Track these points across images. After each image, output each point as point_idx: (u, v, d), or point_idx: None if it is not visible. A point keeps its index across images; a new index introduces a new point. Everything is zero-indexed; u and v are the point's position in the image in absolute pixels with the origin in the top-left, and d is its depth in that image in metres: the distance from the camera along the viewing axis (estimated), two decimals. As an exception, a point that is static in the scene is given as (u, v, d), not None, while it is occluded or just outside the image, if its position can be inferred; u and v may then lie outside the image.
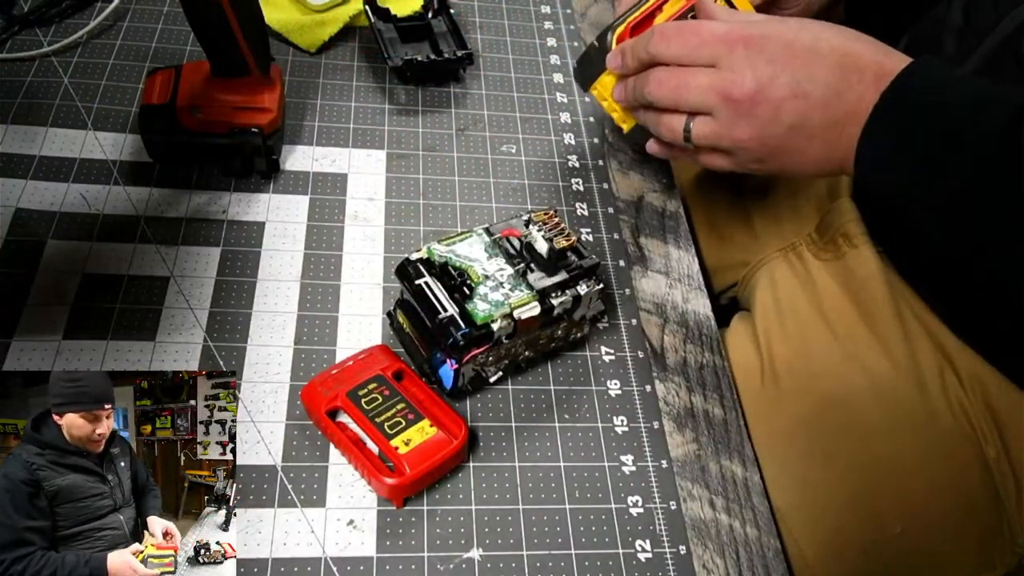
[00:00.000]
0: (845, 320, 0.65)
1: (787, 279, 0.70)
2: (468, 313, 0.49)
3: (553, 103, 0.75)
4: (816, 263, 0.69)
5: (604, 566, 0.49)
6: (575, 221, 0.66)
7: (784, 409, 0.62)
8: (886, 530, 0.58)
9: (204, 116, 0.60)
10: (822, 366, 0.63)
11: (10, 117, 0.64)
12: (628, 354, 0.59)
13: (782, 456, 0.59)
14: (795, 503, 0.57)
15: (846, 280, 0.66)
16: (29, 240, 0.58)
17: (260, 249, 0.60)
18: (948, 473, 0.59)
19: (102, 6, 0.73)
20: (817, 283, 0.68)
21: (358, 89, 0.72)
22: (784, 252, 0.72)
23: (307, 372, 0.54)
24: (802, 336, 0.65)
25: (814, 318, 0.66)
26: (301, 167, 0.66)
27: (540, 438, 0.54)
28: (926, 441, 0.59)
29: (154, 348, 0.54)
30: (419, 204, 0.65)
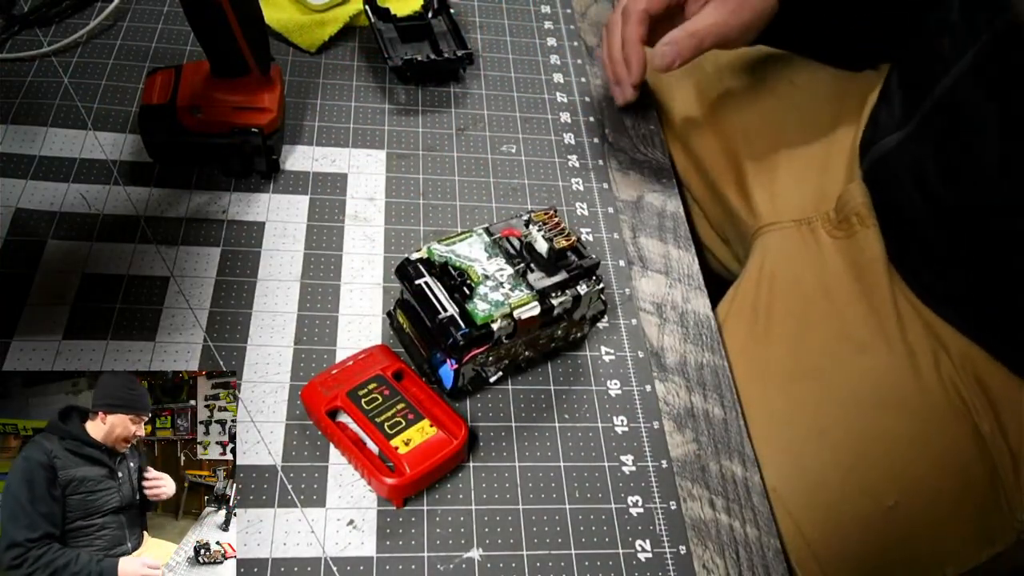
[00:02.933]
0: (846, 298, 0.65)
1: (798, 251, 0.70)
2: (468, 313, 0.49)
3: (553, 103, 0.75)
4: (828, 240, 0.70)
5: (604, 566, 0.49)
6: (575, 221, 0.66)
7: (777, 380, 0.62)
8: (881, 502, 0.58)
9: (204, 116, 0.60)
10: (819, 340, 0.64)
11: (10, 117, 0.64)
12: (628, 354, 0.59)
13: (776, 435, 0.59)
14: (790, 481, 0.57)
15: (854, 260, 0.67)
16: (29, 240, 0.58)
17: (260, 249, 0.60)
18: (941, 447, 0.59)
19: (102, 6, 0.73)
20: (827, 260, 0.69)
21: (358, 89, 0.72)
22: (798, 224, 0.72)
23: (307, 372, 0.54)
24: (804, 309, 0.66)
25: (817, 294, 0.67)
26: (301, 167, 0.66)
27: (540, 438, 0.54)
28: (919, 416, 0.60)
29: (154, 348, 0.54)
30: (419, 204, 0.65)
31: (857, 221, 0.68)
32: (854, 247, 0.68)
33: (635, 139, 0.74)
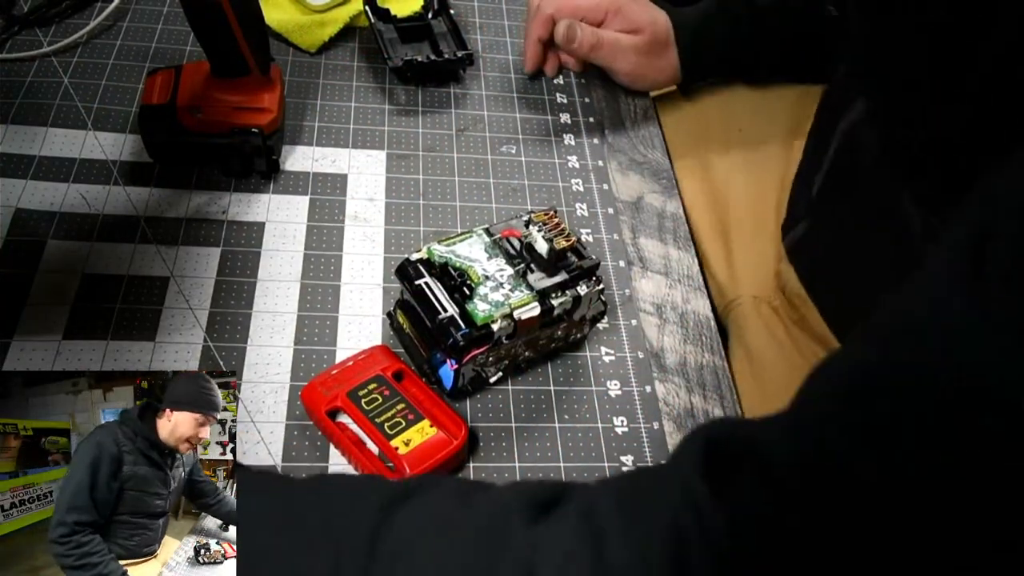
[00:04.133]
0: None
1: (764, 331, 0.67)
2: (468, 313, 0.50)
3: (553, 103, 0.75)
4: (788, 320, 0.68)
5: (604, 566, 0.49)
6: (575, 222, 0.66)
7: None
8: None
9: (204, 116, 0.60)
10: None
11: (10, 117, 0.64)
12: (628, 355, 0.59)
13: None
14: None
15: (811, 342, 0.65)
16: (29, 240, 0.58)
17: (260, 249, 0.60)
18: None
19: (102, 6, 0.73)
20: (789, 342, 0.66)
21: (358, 89, 0.72)
22: (756, 301, 0.69)
23: (307, 372, 0.54)
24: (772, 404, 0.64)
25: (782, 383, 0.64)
26: (301, 167, 0.66)
27: (540, 438, 0.54)
28: None
29: (154, 348, 0.54)
30: (419, 204, 0.65)
31: (800, 303, 0.66)
32: (807, 328, 0.65)
33: (635, 140, 0.74)
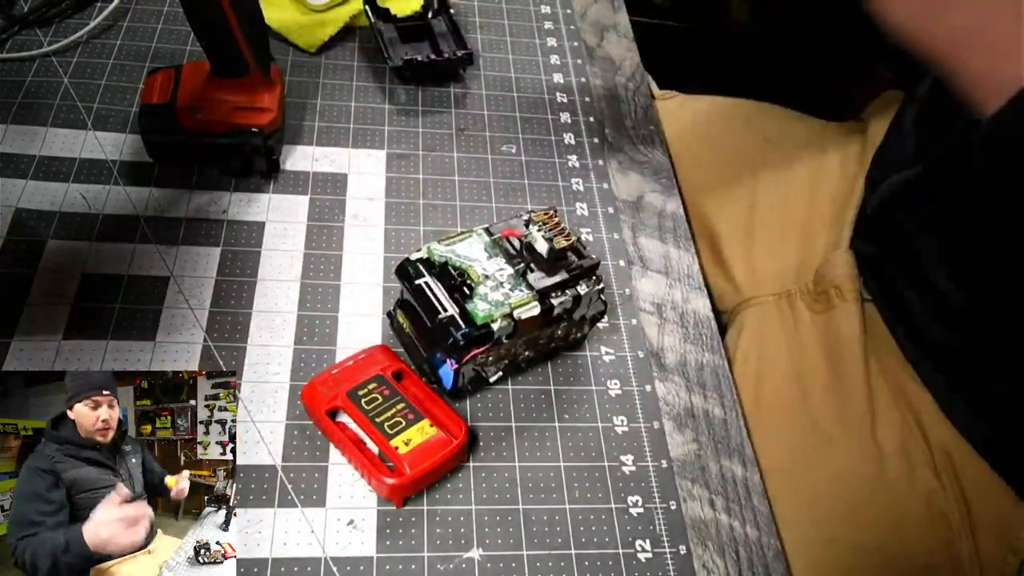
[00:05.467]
0: (819, 384, 0.63)
1: (775, 330, 0.68)
2: (468, 313, 0.49)
3: (553, 103, 0.75)
4: (806, 316, 0.68)
5: (604, 566, 0.49)
6: (575, 221, 0.66)
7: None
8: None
9: (204, 116, 0.60)
10: (789, 439, 0.61)
11: (10, 117, 0.64)
12: (628, 354, 0.59)
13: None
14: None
15: (830, 338, 0.65)
16: (29, 240, 0.58)
17: (260, 249, 0.60)
18: (907, 552, 0.57)
19: (102, 6, 0.73)
20: (803, 339, 0.66)
21: (358, 89, 0.72)
22: (778, 298, 0.70)
23: (307, 372, 0.54)
24: (776, 400, 0.64)
25: (790, 380, 0.64)
26: (301, 167, 0.66)
27: (540, 438, 0.54)
28: (886, 526, 0.58)
29: (154, 348, 0.54)
30: (419, 204, 0.65)
31: (835, 294, 0.66)
32: (831, 323, 0.65)
33: (635, 139, 0.74)
